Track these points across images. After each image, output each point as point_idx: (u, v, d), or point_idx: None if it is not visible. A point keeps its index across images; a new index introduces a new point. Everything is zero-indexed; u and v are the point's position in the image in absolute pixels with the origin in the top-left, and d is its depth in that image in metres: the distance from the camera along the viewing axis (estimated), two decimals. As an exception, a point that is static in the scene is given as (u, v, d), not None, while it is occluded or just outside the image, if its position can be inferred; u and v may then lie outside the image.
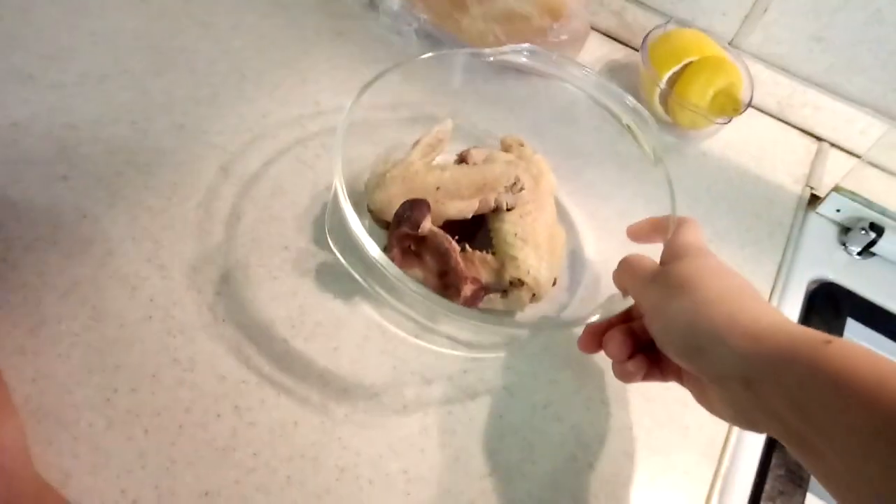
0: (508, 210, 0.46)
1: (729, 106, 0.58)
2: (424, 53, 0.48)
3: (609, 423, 0.45)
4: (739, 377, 0.30)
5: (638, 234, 0.44)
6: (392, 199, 0.45)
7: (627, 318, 0.40)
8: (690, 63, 0.59)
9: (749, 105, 0.60)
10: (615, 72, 0.68)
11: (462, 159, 0.50)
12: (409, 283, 0.37)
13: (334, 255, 0.42)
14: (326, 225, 0.43)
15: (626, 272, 0.39)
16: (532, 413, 0.44)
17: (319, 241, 0.48)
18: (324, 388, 0.43)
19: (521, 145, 0.51)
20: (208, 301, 0.45)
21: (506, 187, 0.45)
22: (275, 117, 0.55)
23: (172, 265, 0.46)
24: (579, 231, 0.53)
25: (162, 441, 0.39)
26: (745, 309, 0.32)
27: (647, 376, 0.38)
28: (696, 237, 0.39)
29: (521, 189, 0.45)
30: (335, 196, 0.39)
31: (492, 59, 0.48)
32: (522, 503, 0.41)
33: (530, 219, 0.45)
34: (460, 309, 0.39)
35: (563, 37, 0.59)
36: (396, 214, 0.43)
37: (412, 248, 0.43)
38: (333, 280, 0.47)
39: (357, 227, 0.38)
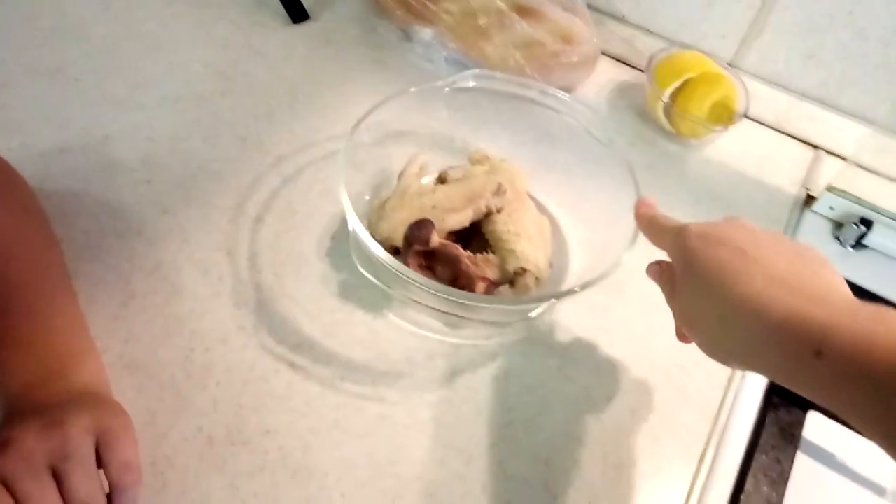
0: (498, 212, 0.52)
1: (725, 115, 0.64)
2: (451, 77, 0.56)
3: (616, 384, 0.51)
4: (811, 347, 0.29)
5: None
6: (396, 226, 0.50)
7: None
8: (689, 79, 0.66)
9: (745, 115, 0.66)
10: (625, 91, 0.75)
11: (442, 180, 0.56)
12: (433, 284, 0.43)
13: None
14: (353, 253, 0.49)
15: (656, 277, 0.42)
16: (546, 374, 0.50)
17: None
18: (365, 351, 0.50)
19: (487, 157, 0.58)
20: (268, 281, 0.52)
21: (492, 193, 0.52)
22: (323, 132, 0.64)
23: (237, 251, 0.54)
24: (556, 217, 0.59)
25: (231, 391, 0.46)
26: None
27: None
28: (672, 233, 0.39)
29: (505, 192, 0.52)
30: (353, 232, 0.45)
31: (447, 89, 0.56)
32: (538, 447, 0.47)
33: (517, 215, 0.52)
34: (476, 296, 0.46)
35: (575, 59, 0.67)
36: (406, 237, 0.49)
37: (424, 263, 0.49)
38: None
39: (379, 251, 0.44)
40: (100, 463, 0.37)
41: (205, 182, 0.58)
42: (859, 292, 0.60)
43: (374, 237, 0.45)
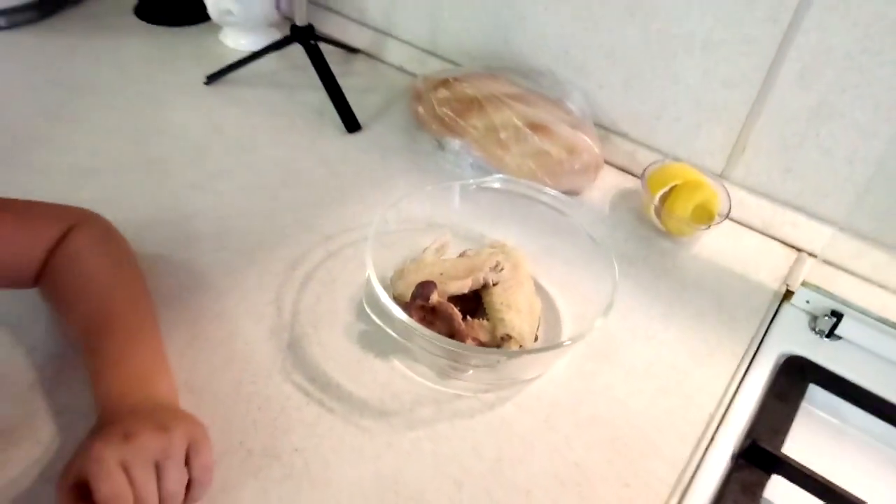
0: (494, 285, 0.63)
1: (706, 216, 0.75)
2: (476, 180, 0.70)
3: (595, 436, 0.58)
4: None
5: None
6: (409, 286, 0.62)
7: None
8: (675, 185, 0.77)
9: (727, 216, 0.76)
10: (625, 195, 0.86)
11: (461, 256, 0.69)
12: (426, 331, 0.55)
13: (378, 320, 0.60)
14: (364, 301, 0.60)
15: None
16: (534, 422, 0.58)
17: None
18: (381, 391, 0.59)
19: (503, 244, 0.70)
20: (307, 331, 0.64)
21: (490, 268, 0.63)
22: (364, 218, 0.77)
23: (284, 307, 0.65)
24: (552, 295, 0.70)
25: (269, 415, 0.56)
26: None
27: None
28: None
29: (501, 269, 0.64)
30: (369, 282, 0.58)
31: (474, 186, 0.70)
32: (521, 481, 0.54)
33: (511, 291, 0.63)
34: (457, 344, 0.56)
35: (577, 166, 0.79)
36: (412, 294, 0.60)
37: (426, 318, 0.60)
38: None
39: (386, 300, 0.56)
40: (186, 461, 0.47)
41: (264, 253, 0.71)
42: (828, 375, 0.67)
43: (391, 293, 0.56)
